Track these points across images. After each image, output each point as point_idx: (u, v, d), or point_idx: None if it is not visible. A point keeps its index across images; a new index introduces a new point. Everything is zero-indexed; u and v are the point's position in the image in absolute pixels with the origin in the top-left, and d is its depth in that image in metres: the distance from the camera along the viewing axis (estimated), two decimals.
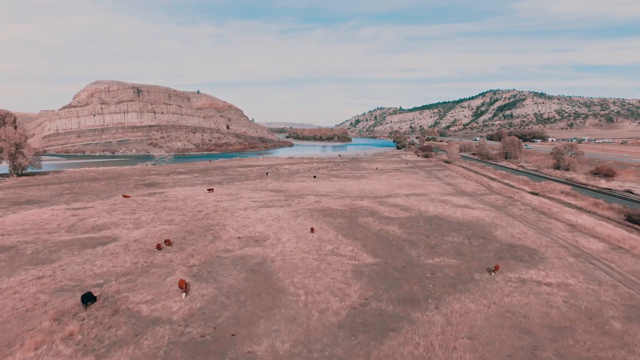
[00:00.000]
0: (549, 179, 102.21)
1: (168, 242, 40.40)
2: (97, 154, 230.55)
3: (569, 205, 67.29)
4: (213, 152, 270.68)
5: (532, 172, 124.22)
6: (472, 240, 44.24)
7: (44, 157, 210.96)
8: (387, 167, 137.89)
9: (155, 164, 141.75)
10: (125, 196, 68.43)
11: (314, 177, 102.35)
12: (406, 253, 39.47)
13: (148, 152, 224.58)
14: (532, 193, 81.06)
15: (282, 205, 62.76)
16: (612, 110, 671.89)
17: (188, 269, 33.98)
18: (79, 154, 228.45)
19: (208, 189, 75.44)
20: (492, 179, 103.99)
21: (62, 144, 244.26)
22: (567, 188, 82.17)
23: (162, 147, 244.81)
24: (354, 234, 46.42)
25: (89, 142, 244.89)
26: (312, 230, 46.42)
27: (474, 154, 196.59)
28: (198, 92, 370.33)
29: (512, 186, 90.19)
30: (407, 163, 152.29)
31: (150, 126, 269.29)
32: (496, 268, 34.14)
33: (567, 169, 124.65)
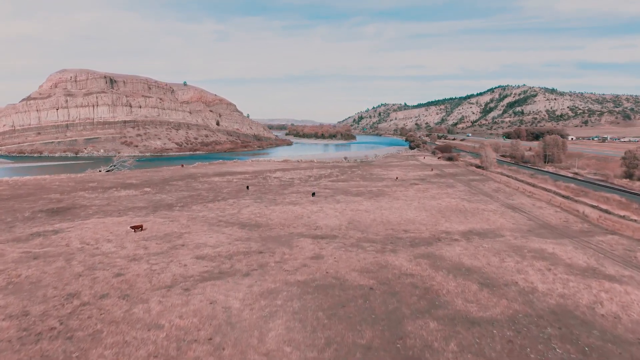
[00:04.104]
0: None
1: None
2: (57, 155, 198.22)
3: None
4: (198, 152, 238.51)
5: (600, 183, 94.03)
6: None
7: None
8: (408, 175, 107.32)
9: (111, 170, 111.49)
10: None
11: (313, 194, 72.07)
12: None
13: (119, 152, 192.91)
14: None
15: (247, 272, 32.58)
16: (626, 107, 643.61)
17: None
18: (35, 155, 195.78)
19: (134, 227, 45.18)
20: (566, 197, 73.58)
21: (18, 143, 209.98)
22: None
23: (137, 146, 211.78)
24: None
25: (50, 141, 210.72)
26: None
27: (503, 156, 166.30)
28: (185, 84, 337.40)
29: (610, 213, 59.86)
30: (431, 169, 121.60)
31: (125, 122, 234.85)
32: None
33: None
